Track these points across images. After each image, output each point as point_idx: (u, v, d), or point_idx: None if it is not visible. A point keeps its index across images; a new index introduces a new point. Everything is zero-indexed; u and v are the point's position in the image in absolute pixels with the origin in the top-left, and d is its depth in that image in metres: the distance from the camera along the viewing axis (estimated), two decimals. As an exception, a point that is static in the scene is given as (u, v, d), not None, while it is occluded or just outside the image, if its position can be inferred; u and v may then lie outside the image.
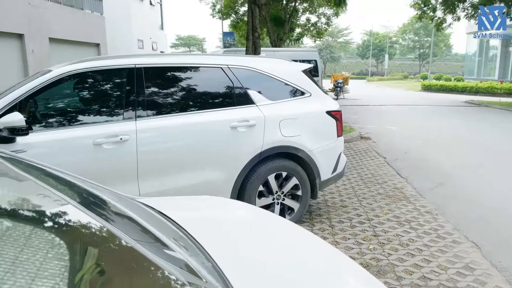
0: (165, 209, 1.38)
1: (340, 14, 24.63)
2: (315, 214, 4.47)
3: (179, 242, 1.20)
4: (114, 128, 3.16)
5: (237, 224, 1.53)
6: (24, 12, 15.06)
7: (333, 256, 1.43)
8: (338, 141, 4.24)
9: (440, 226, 4.11)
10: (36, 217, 1.07)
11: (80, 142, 3.04)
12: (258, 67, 3.92)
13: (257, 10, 8.64)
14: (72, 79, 3.21)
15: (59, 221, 1.07)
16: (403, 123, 11.85)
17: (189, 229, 1.25)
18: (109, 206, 1.32)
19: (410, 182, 5.72)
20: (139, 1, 27.54)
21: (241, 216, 1.65)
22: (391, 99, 20.83)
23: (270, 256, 1.28)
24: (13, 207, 1.08)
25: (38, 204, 1.15)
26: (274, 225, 1.59)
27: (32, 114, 3.06)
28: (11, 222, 0.97)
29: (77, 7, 19.25)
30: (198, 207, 1.65)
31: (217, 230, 1.41)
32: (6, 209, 1.05)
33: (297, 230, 1.56)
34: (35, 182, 1.26)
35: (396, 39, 68.19)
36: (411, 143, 8.64)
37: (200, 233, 1.24)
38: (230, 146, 3.59)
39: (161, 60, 3.61)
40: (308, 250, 1.45)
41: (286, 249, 1.40)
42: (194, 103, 3.60)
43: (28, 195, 1.17)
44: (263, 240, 1.42)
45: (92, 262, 0.91)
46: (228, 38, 29.63)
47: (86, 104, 3.40)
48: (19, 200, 1.16)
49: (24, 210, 1.06)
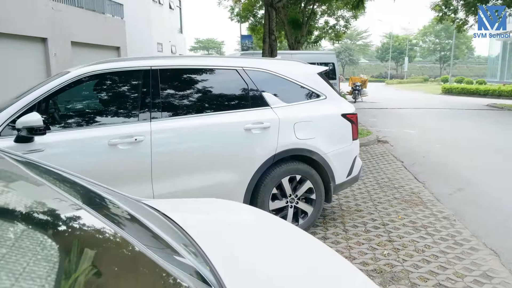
0: (169, 211, 1.39)
1: (359, 16, 24.45)
2: (329, 218, 4.43)
3: (189, 248, 1.20)
4: (129, 129, 3.20)
5: (240, 228, 1.51)
6: (48, 16, 15.45)
7: (337, 264, 1.40)
8: (353, 144, 4.20)
9: (457, 232, 4.02)
10: (44, 219, 1.08)
11: (95, 142, 3.10)
12: (273, 69, 3.91)
13: (273, 13, 8.65)
14: (89, 80, 3.27)
15: (64, 223, 1.08)
16: (422, 127, 11.65)
17: (191, 232, 1.24)
18: (116, 208, 1.34)
19: (427, 187, 5.61)
20: (159, 5, 27.91)
21: (246, 220, 1.64)
22: (410, 102, 20.53)
23: (271, 263, 1.25)
24: (24, 209, 1.10)
25: (44, 205, 1.17)
26: (278, 231, 1.57)
27: (51, 115, 3.13)
28: (19, 224, 0.98)
29: (99, 11, 19.64)
30: (203, 210, 1.65)
31: (219, 234, 1.40)
32: (20, 211, 1.07)
33: (302, 236, 1.53)
34: (40, 182, 1.28)
35: (416, 41, 67.22)
36: (430, 147, 8.48)
37: (201, 237, 1.23)
38: (244, 148, 3.59)
39: (176, 62, 3.64)
40: (312, 258, 1.41)
41: (289, 257, 1.37)
42: (209, 105, 3.61)
43: (32, 196, 1.19)
44: (266, 246, 1.39)
45: (99, 265, 0.92)
46: (246, 41, 29.74)
47: (103, 105, 3.46)
48: (28, 202, 1.18)
49: (29, 211, 1.08)
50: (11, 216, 1.00)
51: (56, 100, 3.18)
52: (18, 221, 0.99)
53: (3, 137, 2.87)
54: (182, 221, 1.32)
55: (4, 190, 1.12)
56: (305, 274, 1.23)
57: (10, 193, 1.12)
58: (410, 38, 63.83)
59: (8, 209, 1.03)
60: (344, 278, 1.30)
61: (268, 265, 1.21)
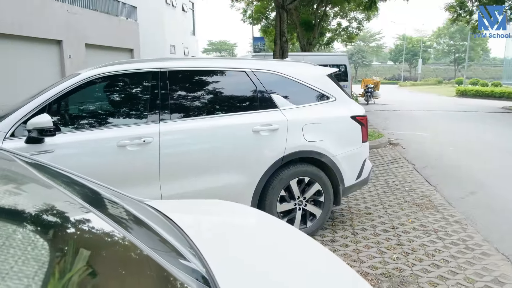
0: (170, 212, 1.39)
1: (372, 18, 24.33)
2: (338, 221, 4.40)
3: (187, 249, 1.20)
4: (138, 130, 3.23)
5: (241, 230, 1.51)
6: (63, 19, 15.70)
7: (338, 270, 1.37)
8: (363, 146, 4.17)
9: (469, 237, 3.95)
10: (50, 220, 1.10)
11: (104, 143, 3.13)
12: (282, 71, 3.91)
13: (285, 15, 8.64)
14: (99, 82, 3.31)
15: (68, 225, 1.10)
16: (434, 129, 11.51)
17: (190, 233, 1.25)
18: (119, 209, 1.35)
19: (439, 190, 5.53)
20: (172, 8, 28.14)
21: (247, 222, 1.63)
22: (423, 105, 20.30)
23: (269, 266, 1.24)
24: (29, 210, 1.11)
25: (50, 206, 1.18)
26: (280, 234, 1.54)
27: (61, 116, 3.17)
28: (24, 225, 0.99)
29: (113, 14, 19.90)
30: (204, 211, 1.65)
31: (219, 236, 1.39)
32: (26, 212, 1.08)
33: (303, 240, 1.51)
34: (46, 183, 1.30)
35: (430, 43, 66.47)
36: (443, 150, 8.37)
37: (200, 238, 1.23)
38: (252, 150, 3.59)
39: (185, 63, 3.66)
40: (312, 262, 1.39)
41: (288, 261, 1.35)
42: (217, 107, 3.63)
43: (38, 197, 1.21)
44: (265, 249, 1.38)
45: (102, 267, 0.93)
46: (259, 43, 29.77)
47: (112, 106, 3.50)
48: (37, 203, 1.20)
49: (35, 212, 1.09)
50: (16, 216, 1.01)
51: (66, 101, 3.22)
52: (24, 222, 1.00)
53: (16, 138, 2.92)
54: (181, 222, 1.32)
55: (10, 190, 1.14)
56: (303, 279, 1.21)
57: (15, 194, 1.14)
58: (424, 40, 63.15)
59: (14, 209, 1.05)
60: (343, 284, 1.28)
61: (265, 269, 1.20)
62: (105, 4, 19.21)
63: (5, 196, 1.07)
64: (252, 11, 24.87)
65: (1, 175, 1.24)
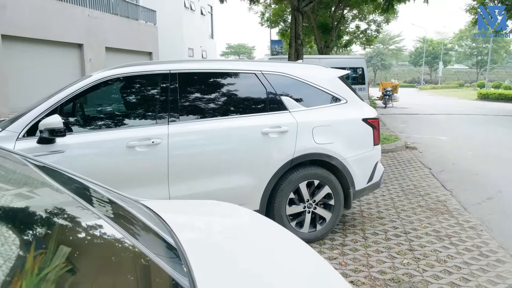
0: (163, 212, 1.40)
1: (391, 20, 24.05)
2: (349, 224, 4.35)
3: (172, 250, 1.20)
4: (147, 132, 3.27)
5: (230, 231, 1.50)
6: (84, 24, 16.06)
7: (322, 275, 1.33)
8: (374, 149, 4.11)
9: (484, 243, 3.85)
10: (46, 218, 1.12)
11: (114, 144, 3.17)
12: (292, 73, 3.90)
13: (300, 17, 8.62)
14: (110, 84, 3.36)
15: (66, 222, 1.12)
16: (453, 133, 11.27)
17: (179, 234, 1.25)
18: (116, 207, 1.36)
19: (455, 195, 5.41)
20: (190, 11, 28.46)
21: (238, 224, 1.61)
22: (443, 108, 19.93)
23: (252, 269, 1.21)
24: (27, 208, 1.13)
25: (49, 205, 1.20)
26: (270, 237, 1.52)
27: (72, 117, 3.24)
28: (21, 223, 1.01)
29: (133, 18, 20.24)
30: (198, 212, 1.65)
31: (207, 236, 1.39)
32: (23, 211, 1.10)
33: (295, 245, 1.47)
34: (46, 183, 1.33)
35: (451, 45, 65.22)
36: (461, 154, 8.19)
37: (187, 238, 1.23)
38: (260, 152, 3.58)
39: (195, 66, 3.69)
40: (298, 266, 1.35)
41: (274, 264, 1.32)
42: (226, 108, 3.64)
43: (36, 196, 1.23)
44: (252, 251, 1.35)
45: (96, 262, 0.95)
46: (276, 46, 29.80)
47: (122, 107, 3.55)
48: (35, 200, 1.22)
49: (32, 210, 1.11)
50: (13, 214, 1.04)
51: (78, 102, 3.29)
52: (21, 220, 1.03)
53: (28, 138, 2.99)
54: (172, 221, 1.32)
55: (5, 188, 1.17)
56: (285, 281, 1.19)
57: (11, 191, 1.17)
58: (445, 42, 62.00)
59: (7, 207, 1.08)
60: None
61: (249, 271, 1.18)
62: (125, 8, 19.56)
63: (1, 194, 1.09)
64: (270, 14, 24.93)
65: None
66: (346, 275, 3.23)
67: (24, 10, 12.89)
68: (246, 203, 3.58)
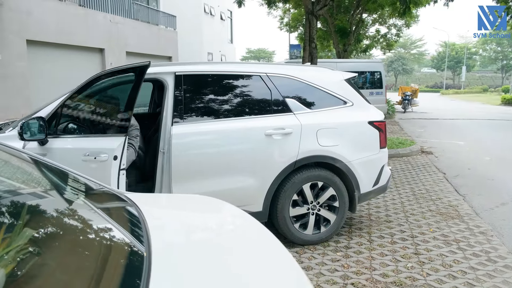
0: (143, 205, 1.44)
1: (412, 24, 23.70)
2: (355, 227, 4.32)
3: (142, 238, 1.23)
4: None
5: (206, 229, 1.51)
6: (106, 29, 16.46)
7: (288, 276, 1.31)
8: (381, 152, 4.08)
9: (493, 249, 3.77)
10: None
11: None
12: (297, 75, 3.92)
13: (314, 21, 8.63)
14: (111, 87, 3.47)
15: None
16: (472, 138, 11.02)
17: (150, 223, 1.28)
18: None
19: (467, 200, 5.30)
20: (210, 16, 28.78)
21: (217, 222, 1.62)
22: (464, 113, 19.50)
23: (213, 265, 1.20)
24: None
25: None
26: (245, 235, 1.49)
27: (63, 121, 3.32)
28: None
29: (153, 23, 20.61)
30: (178, 206, 1.68)
31: (176, 229, 1.41)
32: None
33: (268, 244, 1.43)
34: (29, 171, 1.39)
35: (475, 50, 63.74)
36: (478, 160, 8.01)
37: (158, 230, 1.26)
38: (264, 154, 3.61)
39: (200, 68, 3.75)
40: (264, 269, 1.30)
41: (238, 260, 1.29)
42: (230, 110, 3.68)
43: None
44: (220, 247, 1.33)
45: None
46: (295, 50, 29.71)
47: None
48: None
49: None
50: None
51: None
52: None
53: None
54: (148, 213, 1.36)
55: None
56: (239, 278, 1.18)
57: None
58: (469, 47, 60.64)
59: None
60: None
61: (207, 271, 1.17)
62: (146, 14, 19.95)
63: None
64: (289, 19, 24.95)
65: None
66: (347, 277, 3.22)
67: (49, 16, 13.31)
68: (248, 204, 3.61)
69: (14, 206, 1.08)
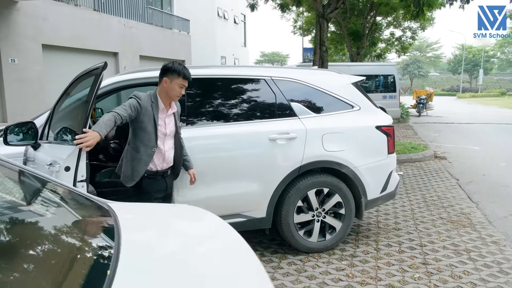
0: (121, 212, 1.40)
1: (427, 27, 23.37)
2: (362, 235, 4.22)
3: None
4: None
5: (176, 231, 1.46)
6: (120, 33, 16.64)
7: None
8: (389, 158, 3.98)
9: (505, 259, 3.62)
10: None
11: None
12: (303, 79, 3.85)
13: (325, 24, 8.55)
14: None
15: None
16: (488, 143, 10.75)
17: (124, 231, 1.24)
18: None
19: (480, 208, 5.14)
20: (224, 20, 28.90)
21: (195, 230, 1.57)
22: (480, 117, 19.07)
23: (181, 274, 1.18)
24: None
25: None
26: (220, 255, 1.40)
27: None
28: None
29: (167, 27, 20.77)
30: (156, 215, 1.63)
31: (150, 237, 1.37)
32: None
33: (242, 257, 1.36)
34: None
35: (493, 53, 62.51)
36: (493, 165, 7.79)
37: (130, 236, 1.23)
38: (267, 159, 3.54)
39: (203, 71, 3.71)
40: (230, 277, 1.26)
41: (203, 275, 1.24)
42: (234, 114, 3.63)
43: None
44: (191, 262, 1.29)
45: None
46: (308, 54, 29.62)
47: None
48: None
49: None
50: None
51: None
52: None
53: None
54: (125, 222, 1.32)
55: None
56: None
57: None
58: (487, 50, 59.50)
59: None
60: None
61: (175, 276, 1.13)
62: (159, 18, 20.12)
63: None
64: (302, 22, 24.89)
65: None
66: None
67: (64, 21, 13.50)
68: (252, 210, 3.55)
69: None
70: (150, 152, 2.92)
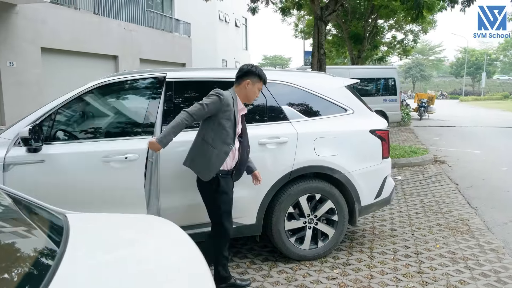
0: (75, 222, 1.32)
1: (429, 30, 23.27)
2: (356, 242, 4.10)
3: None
4: (138, 142, 3.22)
5: (127, 239, 1.39)
6: (119, 36, 16.61)
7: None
8: (383, 163, 3.87)
9: (503, 268, 3.50)
10: None
11: (91, 157, 3.13)
12: (294, 82, 3.75)
13: (323, 27, 8.46)
14: (96, 93, 3.37)
15: None
16: (489, 147, 10.61)
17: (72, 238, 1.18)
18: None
19: (479, 214, 5.02)
20: (225, 24, 28.89)
21: (146, 239, 1.48)
22: (483, 121, 18.91)
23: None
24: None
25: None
26: (172, 255, 1.37)
27: (59, 126, 3.22)
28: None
29: (167, 30, 20.74)
30: (113, 225, 1.54)
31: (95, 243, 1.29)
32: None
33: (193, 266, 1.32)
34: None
35: (496, 56, 62.26)
36: (494, 170, 7.66)
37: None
38: (257, 163, 3.42)
39: (191, 74, 3.62)
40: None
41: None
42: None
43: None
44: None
45: None
46: (309, 57, 29.62)
47: (113, 117, 3.53)
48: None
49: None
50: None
51: (65, 112, 3.28)
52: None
53: (21, 146, 3.01)
54: (75, 232, 1.24)
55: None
56: None
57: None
58: (490, 53, 59.28)
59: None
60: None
61: None
62: (160, 21, 20.09)
63: None
64: (303, 26, 24.84)
65: None
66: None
67: (63, 24, 13.47)
68: (241, 216, 3.44)
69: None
70: (227, 150, 2.92)
